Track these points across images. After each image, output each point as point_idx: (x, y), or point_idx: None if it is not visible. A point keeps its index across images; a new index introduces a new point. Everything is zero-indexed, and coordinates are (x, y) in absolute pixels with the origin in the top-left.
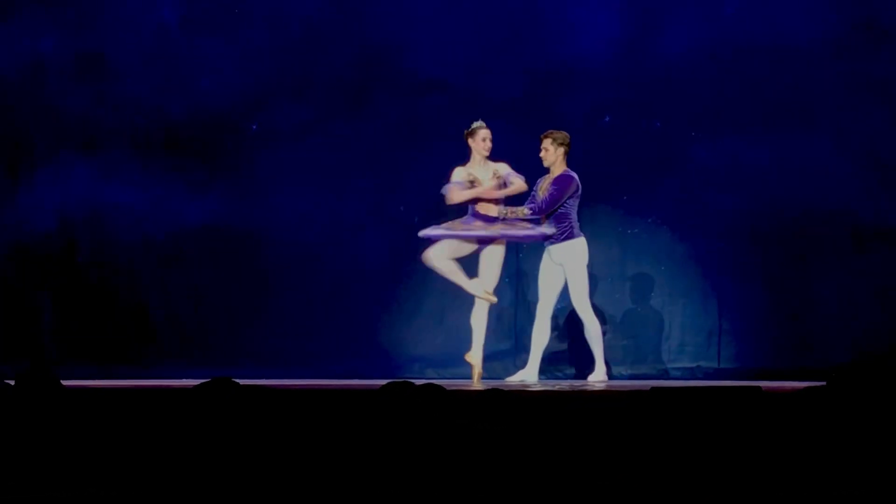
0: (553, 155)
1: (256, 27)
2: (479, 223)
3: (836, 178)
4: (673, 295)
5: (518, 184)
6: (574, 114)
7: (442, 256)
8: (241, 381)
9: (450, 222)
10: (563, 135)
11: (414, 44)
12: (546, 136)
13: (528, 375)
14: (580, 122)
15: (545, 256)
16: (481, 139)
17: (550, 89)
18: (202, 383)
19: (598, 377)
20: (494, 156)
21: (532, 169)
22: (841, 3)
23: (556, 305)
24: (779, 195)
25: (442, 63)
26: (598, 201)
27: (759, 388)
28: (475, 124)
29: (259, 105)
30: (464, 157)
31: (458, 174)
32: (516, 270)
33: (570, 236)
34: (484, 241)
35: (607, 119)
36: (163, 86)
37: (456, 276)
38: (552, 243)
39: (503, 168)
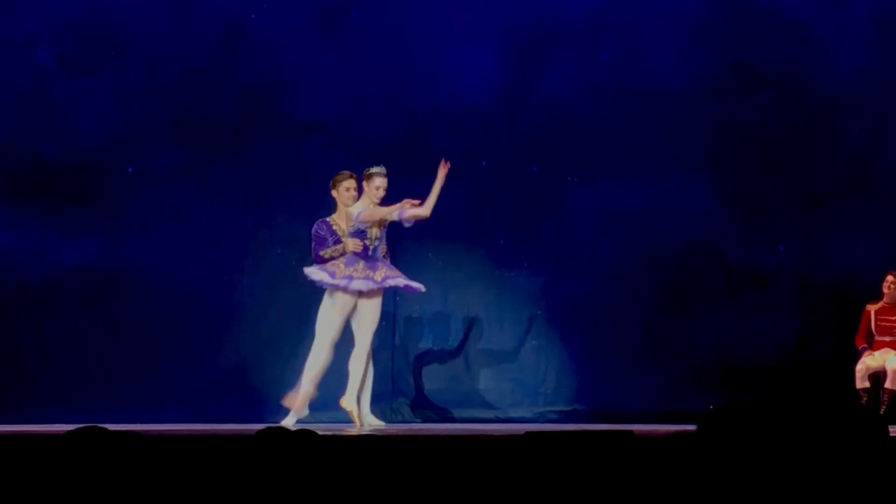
0: None
1: (133, 68)
2: (361, 265)
3: (709, 222)
4: (549, 338)
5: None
6: (451, 157)
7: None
8: (117, 426)
9: (333, 263)
10: None
11: (292, 86)
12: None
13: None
14: (458, 166)
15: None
16: (375, 187)
17: (428, 132)
18: (70, 431)
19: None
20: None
21: None
22: (715, 48)
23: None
24: (654, 238)
25: (320, 105)
26: (475, 244)
27: (631, 432)
28: (373, 169)
29: (135, 147)
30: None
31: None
32: (393, 314)
33: None
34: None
35: (484, 163)
36: (37, 126)
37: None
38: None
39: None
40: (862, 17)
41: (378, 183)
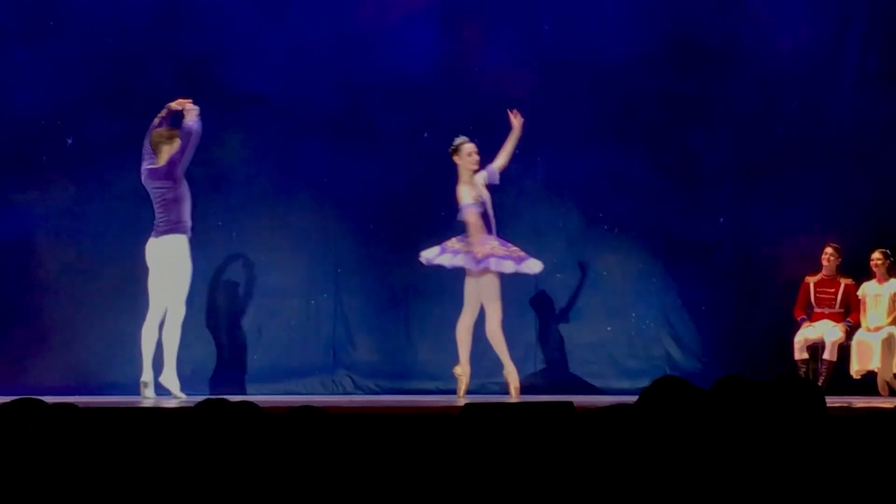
0: None
1: (71, 39)
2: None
3: (650, 194)
4: None
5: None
6: (393, 129)
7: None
8: (54, 399)
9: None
10: None
11: (232, 56)
12: None
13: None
14: (399, 138)
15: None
16: (467, 154)
17: (370, 104)
18: (5, 403)
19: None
20: (309, 167)
21: (353, 182)
22: (656, 22)
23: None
24: (594, 210)
25: (259, 76)
26: (415, 216)
27: (571, 403)
28: (458, 140)
29: (75, 118)
30: (281, 169)
31: (469, 194)
32: (335, 284)
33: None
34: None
35: (426, 135)
36: None
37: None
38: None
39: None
40: None
41: (468, 149)
